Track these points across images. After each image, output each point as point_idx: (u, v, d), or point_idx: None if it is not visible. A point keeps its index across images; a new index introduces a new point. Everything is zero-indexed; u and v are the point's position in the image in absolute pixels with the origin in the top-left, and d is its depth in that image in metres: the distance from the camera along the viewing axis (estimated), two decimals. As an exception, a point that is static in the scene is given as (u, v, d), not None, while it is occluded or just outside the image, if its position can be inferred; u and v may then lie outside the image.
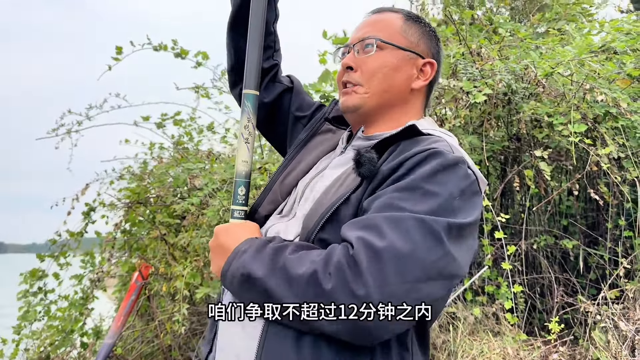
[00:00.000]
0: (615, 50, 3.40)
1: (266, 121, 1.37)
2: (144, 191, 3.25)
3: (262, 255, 0.94)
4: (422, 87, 1.18)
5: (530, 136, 3.32)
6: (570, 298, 3.19)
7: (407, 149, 0.98)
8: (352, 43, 1.17)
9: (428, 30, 1.20)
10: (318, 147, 1.25)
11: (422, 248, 0.86)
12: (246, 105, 1.14)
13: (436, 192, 0.91)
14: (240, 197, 1.12)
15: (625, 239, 3.24)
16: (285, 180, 1.20)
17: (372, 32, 1.14)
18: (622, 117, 3.03)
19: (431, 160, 0.94)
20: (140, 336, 3.33)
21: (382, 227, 0.87)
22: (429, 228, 0.87)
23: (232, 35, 1.31)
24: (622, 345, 2.63)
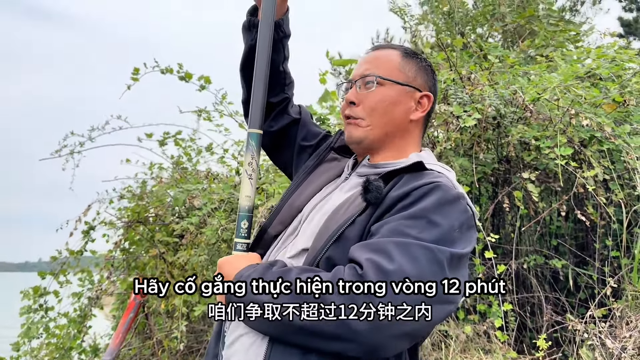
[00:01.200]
0: (600, 76, 3.53)
1: (274, 148, 1.49)
2: (143, 210, 3.32)
3: (267, 278, 1.00)
4: (420, 118, 1.27)
5: (520, 158, 3.42)
6: (560, 317, 3.26)
7: (412, 180, 1.07)
8: (354, 79, 1.26)
9: (424, 65, 1.30)
10: (324, 173, 1.33)
11: (427, 273, 0.93)
12: (250, 143, 1.21)
13: (439, 223, 0.99)
14: (243, 230, 1.18)
15: (612, 259, 3.33)
16: (294, 203, 1.27)
17: (372, 69, 1.23)
18: (607, 141, 3.14)
19: (436, 193, 1.03)
20: (138, 354, 3.37)
21: (391, 251, 0.94)
22: (434, 256, 0.95)
23: (244, 74, 1.43)
24: (609, 363, 2.69)
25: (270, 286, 0.98)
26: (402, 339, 0.94)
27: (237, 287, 1.02)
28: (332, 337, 0.92)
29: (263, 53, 1.28)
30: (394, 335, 0.92)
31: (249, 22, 1.39)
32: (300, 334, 0.95)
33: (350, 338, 0.91)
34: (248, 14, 1.41)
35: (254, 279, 1.01)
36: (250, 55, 1.36)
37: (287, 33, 1.42)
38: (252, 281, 1.01)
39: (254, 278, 1.01)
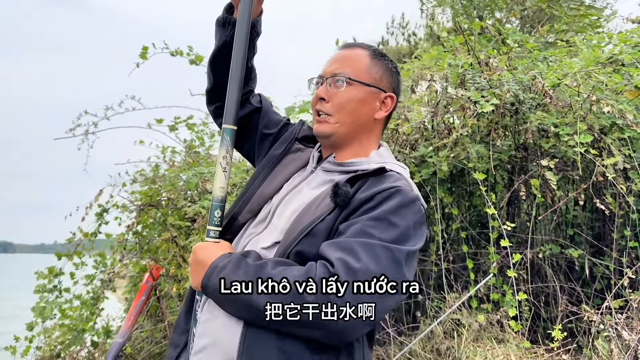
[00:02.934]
0: (623, 62, 3.43)
1: (237, 135, 1.49)
2: (155, 194, 3.31)
3: (242, 270, 1.10)
4: (383, 117, 1.37)
5: (537, 146, 3.35)
6: (575, 307, 3.21)
7: (376, 184, 1.19)
8: (325, 76, 1.34)
9: (390, 66, 1.39)
10: (290, 164, 1.41)
11: (388, 270, 1.07)
12: (225, 138, 1.28)
13: (398, 224, 1.13)
14: (216, 219, 1.24)
15: (630, 250, 3.26)
16: (263, 192, 1.35)
17: (343, 69, 1.32)
18: (628, 129, 3.06)
19: (396, 197, 1.15)
20: (149, 336, 3.38)
21: (357, 251, 1.07)
22: (393, 255, 1.09)
23: (213, 67, 1.48)
24: (625, 355, 2.65)
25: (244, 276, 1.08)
26: (364, 326, 1.08)
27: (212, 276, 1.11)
28: (303, 325, 1.05)
29: (239, 53, 1.34)
30: (357, 325, 1.05)
31: (224, 19, 1.45)
32: (273, 323, 1.06)
33: (319, 326, 1.05)
34: (224, 11, 1.47)
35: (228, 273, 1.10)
36: (221, 50, 1.44)
37: (259, 32, 1.50)
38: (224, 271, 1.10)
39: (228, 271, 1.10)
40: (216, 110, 1.51)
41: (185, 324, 1.27)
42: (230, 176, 2.79)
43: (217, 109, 1.50)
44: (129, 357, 3.29)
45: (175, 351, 1.27)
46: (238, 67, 1.33)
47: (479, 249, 3.71)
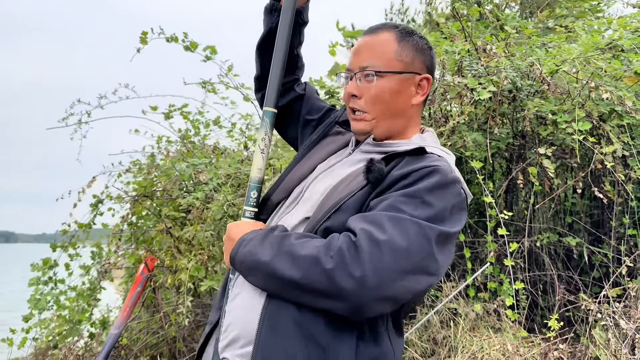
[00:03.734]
0: (622, 48, 3.38)
1: (281, 123, 1.55)
2: (150, 184, 3.29)
3: (268, 242, 1.10)
4: (421, 101, 1.31)
5: (535, 133, 3.31)
6: (572, 296, 3.20)
7: (413, 162, 1.14)
8: (353, 70, 1.28)
9: (421, 44, 1.30)
10: (328, 146, 1.39)
11: (417, 248, 1.02)
12: (265, 120, 1.30)
13: (433, 204, 1.07)
14: (253, 200, 1.27)
15: (629, 237, 3.24)
16: (297, 173, 1.33)
17: (370, 60, 1.25)
18: (628, 116, 3.02)
19: (434, 176, 1.09)
20: (146, 327, 3.38)
21: (384, 223, 1.02)
22: (423, 231, 1.03)
23: (260, 52, 1.50)
24: (622, 344, 2.64)
25: (269, 247, 1.09)
26: (384, 302, 1.03)
27: (240, 248, 1.14)
28: (321, 294, 1.02)
29: (283, 38, 1.35)
30: (377, 297, 1.01)
31: (272, 6, 1.45)
32: (293, 291, 1.05)
33: (338, 296, 1.00)
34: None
35: (255, 244, 1.11)
36: (268, 36, 1.45)
37: (306, 20, 1.49)
38: (251, 243, 1.12)
39: (255, 242, 1.12)
40: (263, 98, 1.44)
41: (220, 301, 1.29)
42: (225, 166, 2.75)
43: (264, 96, 1.44)
44: (125, 348, 3.29)
45: (209, 328, 1.29)
46: (281, 51, 1.34)
47: (476, 238, 3.69)
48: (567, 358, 2.79)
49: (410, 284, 1.03)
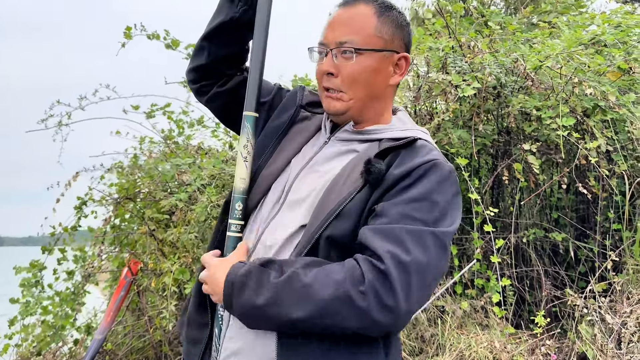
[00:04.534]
0: (605, 43, 3.39)
1: (226, 108, 1.40)
2: (132, 186, 3.24)
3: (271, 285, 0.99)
4: (398, 81, 1.24)
5: (520, 129, 3.31)
6: (559, 291, 3.20)
7: (410, 157, 1.10)
8: (330, 46, 1.18)
9: (400, 20, 1.22)
10: (298, 135, 1.29)
11: (436, 259, 1.03)
12: (246, 126, 1.22)
13: (439, 202, 1.06)
14: (238, 212, 1.19)
15: (614, 232, 3.25)
16: (271, 167, 1.24)
17: (349, 36, 1.16)
18: (611, 111, 3.03)
19: (435, 172, 1.08)
20: (131, 331, 3.33)
21: (406, 241, 0.99)
22: (439, 242, 1.04)
23: (209, 43, 1.34)
24: (609, 339, 2.64)
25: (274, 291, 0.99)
26: (410, 317, 1.04)
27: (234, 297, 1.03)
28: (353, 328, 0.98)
29: (260, 37, 1.26)
30: (408, 318, 1.02)
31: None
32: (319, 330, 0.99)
33: (371, 327, 0.98)
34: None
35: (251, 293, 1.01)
36: (224, 26, 1.31)
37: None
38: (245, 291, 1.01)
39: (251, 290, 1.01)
40: (201, 88, 1.38)
41: (200, 318, 1.21)
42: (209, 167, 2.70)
43: (202, 87, 1.38)
44: (110, 354, 3.24)
45: (197, 348, 1.20)
46: (259, 52, 1.26)
47: (463, 235, 3.69)
48: (554, 354, 2.79)
49: (431, 290, 1.07)
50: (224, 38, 1.32)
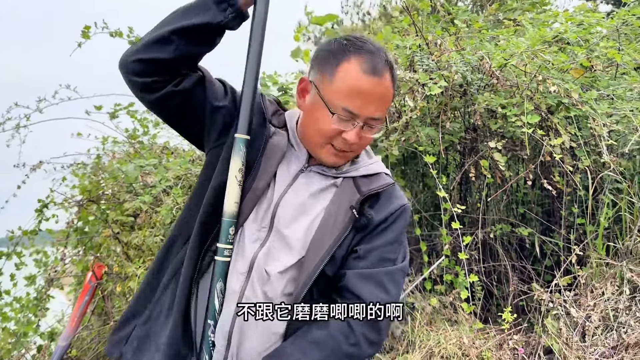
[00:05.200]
0: (568, 41, 3.45)
1: (180, 110, 1.27)
2: (95, 188, 3.15)
3: None
4: None
5: (487, 127, 3.35)
6: (526, 285, 3.26)
7: (387, 202, 1.27)
8: (360, 119, 1.20)
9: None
10: (273, 154, 1.28)
11: (401, 286, 1.26)
12: (241, 149, 1.19)
13: (403, 242, 1.28)
14: (230, 237, 1.18)
15: (578, 226, 3.32)
16: (255, 190, 1.24)
17: (379, 112, 1.22)
18: (574, 108, 3.08)
19: (404, 216, 1.29)
20: (97, 336, 3.25)
21: (385, 283, 1.20)
22: (404, 273, 1.27)
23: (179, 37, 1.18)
24: (573, 332, 2.70)
25: None
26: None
27: None
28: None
29: (255, 55, 1.21)
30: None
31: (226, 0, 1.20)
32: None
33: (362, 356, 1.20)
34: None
35: None
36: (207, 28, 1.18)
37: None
38: None
39: None
40: (153, 84, 1.20)
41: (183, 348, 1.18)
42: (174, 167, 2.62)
43: (155, 82, 1.20)
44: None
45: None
46: (253, 71, 1.20)
47: (433, 231, 3.71)
48: (522, 347, 2.83)
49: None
50: (199, 38, 1.20)
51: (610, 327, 2.67)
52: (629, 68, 3.72)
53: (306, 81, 1.27)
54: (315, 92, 1.23)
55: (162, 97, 1.21)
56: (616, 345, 2.57)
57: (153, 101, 1.24)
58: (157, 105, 1.25)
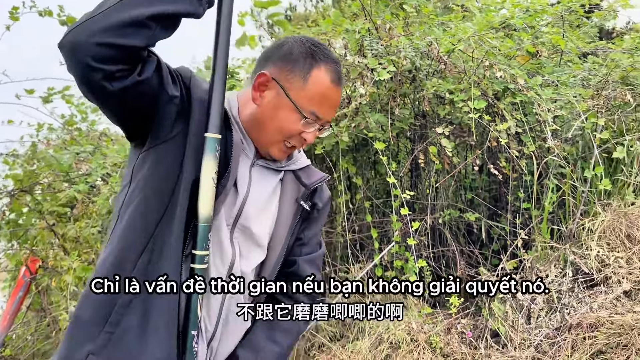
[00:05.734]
0: (515, 27, 3.48)
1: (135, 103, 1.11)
2: (28, 177, 2.96)
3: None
4: None
5: (435, 113, 3.35)
6: (473, 270, 3.29)
7: (321, 194, 1.38)
8: (324, 124, 1.28)
9: None
10: (236, 150, 1.23)
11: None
12: (215, 148, 1.14)
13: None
14: (208, 243, 1.14)
15: (524, 211, 3.38)
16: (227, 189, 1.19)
17: (333, 117, 1.40)
18: (520, 93, 3.11)
19: (329, 205, 1.45)
20: (35, 333, 3.09)
21: (320, 266, 1.42)
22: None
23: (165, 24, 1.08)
24: (519, 314, 2.74)
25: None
26: None
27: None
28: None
29: (224, 44, 1.16)
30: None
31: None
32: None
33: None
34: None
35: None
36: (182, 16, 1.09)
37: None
38: None
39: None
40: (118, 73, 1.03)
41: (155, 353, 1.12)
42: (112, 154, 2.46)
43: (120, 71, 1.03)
44: (9, 359, 2.99)
45: None
46: (222, 65, 1.16)
47: (385, 218, 3.71)
48: (470, 331, 2.87)
49: None
50: (173, 26, 1.10)
51: (554, 309, 2.73)
52: (573, 55, 3.80)
53: (267, 77, 1.23)
54: (280, 91, 1.22)
55: (126, 87, 1.05)
56: (560, 327, 2.62)
57: (115, 92, 1.05)
58: (116, 96, 1.07)
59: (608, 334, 2.44)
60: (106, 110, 1.15)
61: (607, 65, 3.49)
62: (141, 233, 1.14)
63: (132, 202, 1.15)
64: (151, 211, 1.13)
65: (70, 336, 1.16)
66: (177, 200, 1.13)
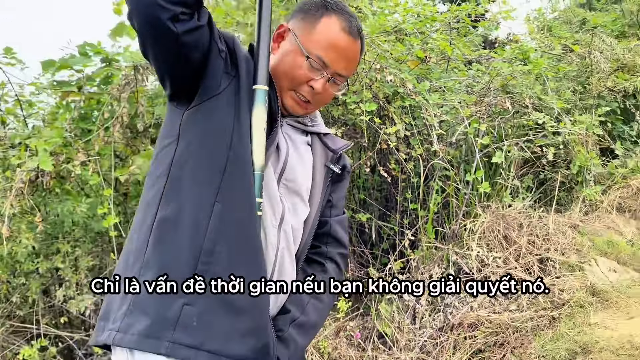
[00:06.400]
0: (406, 32, 3.55)
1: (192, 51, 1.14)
2: None
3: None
4: None
5: (330, 113, 3.33)
6: (363, 270, 3.33)
7: (344, 160, 1.44)
8: (332, 74, 1.25)
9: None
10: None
11: None
12: (263, 99, 1.18)
13: None
14: (261, 191, 1.18)
15: (411, 211, 3.47)
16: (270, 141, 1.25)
17: (347, 71, 1.27)
18: (409, 98, 3.18)
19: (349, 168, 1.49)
20: None
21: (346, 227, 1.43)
22: None
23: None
24: (405, 315, 2.80)
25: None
26: None
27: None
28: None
29: (268, 3, 1.22)
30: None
31: None
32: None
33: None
34: None
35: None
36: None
37: None
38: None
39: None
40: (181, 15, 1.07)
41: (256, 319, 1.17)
42: None
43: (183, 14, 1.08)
44: None
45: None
46: (267, 18, 1.21)
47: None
48: (359, 332, 2.88)
49: None
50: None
51: (438, 309, 2.82)
52: (459, 62, 3.97)
53: (285, 27, 1.28)
54: (293, 38, 1.25)
55: (188, 30, 1.10)
56: (443, 327, 2.71)
57: (177, 35, 1.09)
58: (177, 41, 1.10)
59: (486, 333, 2.56)
60: (163, 58, 1.17)
61: (489, 73, 3.68)
62: (208, 187, 1.16)
63: (188, 159, 1.17)
64: (213, 165, 1.16)
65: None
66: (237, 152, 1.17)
